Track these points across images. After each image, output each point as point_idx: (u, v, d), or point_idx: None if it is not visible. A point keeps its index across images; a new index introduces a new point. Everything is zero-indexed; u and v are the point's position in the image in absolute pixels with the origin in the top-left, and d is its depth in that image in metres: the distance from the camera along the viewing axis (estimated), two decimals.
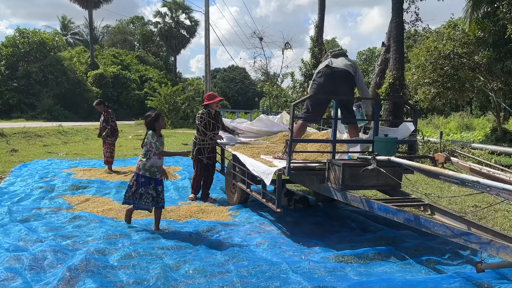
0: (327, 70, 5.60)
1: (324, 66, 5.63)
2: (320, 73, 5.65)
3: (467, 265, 4.18)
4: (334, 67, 5.58)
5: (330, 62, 5.65)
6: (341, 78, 5.58)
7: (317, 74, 5.71)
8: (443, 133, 19.14)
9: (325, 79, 5.58)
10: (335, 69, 5.58)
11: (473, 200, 7.06)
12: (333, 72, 5.57)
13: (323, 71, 5.63)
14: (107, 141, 9.63)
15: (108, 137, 9.61)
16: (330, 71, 5.58)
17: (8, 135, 16.04)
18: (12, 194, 7.19)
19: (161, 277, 3.69)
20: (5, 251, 4.21)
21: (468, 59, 16.72)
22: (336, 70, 5.57)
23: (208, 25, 23.17)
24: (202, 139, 7.10)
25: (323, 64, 5.74)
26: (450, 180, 3.51)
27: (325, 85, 5.57)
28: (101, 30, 63.37)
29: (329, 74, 5.57)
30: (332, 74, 5.56)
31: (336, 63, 5.64)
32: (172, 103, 29.87)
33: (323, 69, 5.63)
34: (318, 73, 5.69)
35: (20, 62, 34.54)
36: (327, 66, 5.60)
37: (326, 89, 5.56)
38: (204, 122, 7.05)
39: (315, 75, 5.74)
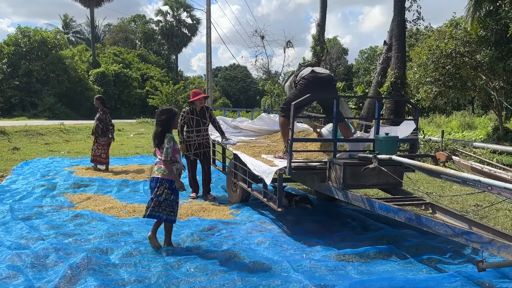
0: (313, 75, 5.86)
1: (309, 73, 5.88)
2: (306, 79, 5.86)
3: (468, 264, 4.18)
4: (319, 73, 5.94)
5: (313, 69, 5.99)
6: (328, 81, 5.94)
7: (302, 79, 5.90)
8: (445, 132, 19.12)
9: (312, 83, 5.80)
10: (321, 74, 5.92)
11: (474, 199, 7.05)
12: (320, 77, 5.88)
13: (308, 77, 5.85)
14: (100, 141, 9.59)
15: (101, 137, 9.57)
16: (316, 76, 5.87)
17: (10, 133, 16.06)
18: (14, 192, 7.21)
19: (162, 275, 3.70)
20: (7, 249, 4.23)
21: (470, 58, 16.68)
22: (322, 75, 5.91)
23: (210, 23, 23.16)
24: (188, 135, 7.11)
25: (304, 72, 5.96)
26: (452, 179, 3.51)
27: (312, 89, 5.69)
28: (102, 29, 63.37)
29: (316, 79, 5.84)
30: (319, 79, 5.85)
31: (319, 70, 6.06)
32: (174, 101, 29.88)
33: (308, 75, 5.86)
34: (303, 79, 5.89)
35: (22, 61, 34.56)
36: (313, 72, 5.89)
37: (313, 92, 5.67)
38: (185, 119, 7.07)
39: (300, 81, 5.93)
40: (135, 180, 8.64)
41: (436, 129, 22.83)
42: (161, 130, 4.40)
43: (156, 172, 4.43)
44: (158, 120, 4.45)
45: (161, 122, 4.43)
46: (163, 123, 4.42)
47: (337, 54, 30.85)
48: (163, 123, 4.42)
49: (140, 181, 8.53)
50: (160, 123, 4.43)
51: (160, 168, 4.40)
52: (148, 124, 29.74)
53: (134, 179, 8.68)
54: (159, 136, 4.41)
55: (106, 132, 9.64)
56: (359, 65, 48.06)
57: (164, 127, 4.42)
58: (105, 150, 9.65)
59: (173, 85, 31.55)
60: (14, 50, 34.40)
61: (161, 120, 4.43)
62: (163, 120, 4.43)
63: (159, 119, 4.44)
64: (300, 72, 6.08)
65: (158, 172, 4.41)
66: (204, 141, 7.22)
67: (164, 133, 4.39)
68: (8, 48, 34.46)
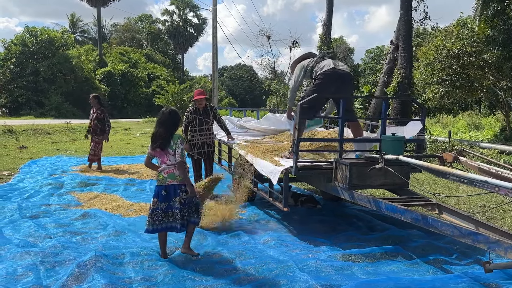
0: (332, 71, 5.69)
1: (330, 68, 5.69)
2: (325, 74, 5.70)
3: (475, 265, 4.17)
4: (339, 69, 5.73)
5: (335, 64, 5.78)
6: (347, 79, 5.79)
7: (321, 74, 5.73)
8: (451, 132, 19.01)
9: (331, 79, 5.66)
10: (341, 71, 5.73)
11: (481, 200, 7.02)
12: (339, 74, 5.70)
13: (330, 72, 5.68)
14: (96, 138, 9.55)
15: (97, 135, 9.55)
16: (336, 72, 5.69)
17: (18, 132, 16.19)
18: (21, 190, 7.27)
19: (169, 273, 3.73)
20: (15, 246, 4.27)
21: (477, 58, 16.57)
22: (342, 72, 5.73)
23: (216, 23, 23.18)
24: (191, 135, 7.13)
25: (325, 65, 5.76)
26: (459, 180, 3.51)
27: (330, 85, 5.62)
28: (109, 28, 63.60)
29: (335, 75, 5.68)
30: (338, 75, 5.69)
31: (340, 66, 5.83)
32: (180, 101, 29.92)
33: (329, 70, 5.69)
34: (323, 74, 5.72)
35: (29, 60, 34.79)
36: (334, 68, 5.70)
37: (331, 89, 5.63)
38: (188, 119, 7.08)
39: (319, 75, 5.75)
40: (142, 179, 8.67)
41: (443, 129, 22.71)
42: (167, 131, 4.07)
43: (168, 179, 4.07)
44: (164, 119, 4.12)
45: (168, 122, 4.10)
46: (171, 123, 4.12)
47: (344, 54, 30.81)
48: (171, 123, 4.12)
49: (146, 180, 8.56)
50: (167, 123, 4.10)
51: (173, 175, 4.07)
52: (154, 123, 29.80)
53: (140, 178, 8.72)
54: (164, 136, 4.06)
55: (103, 131, 9.61)
56: (365, 65, 47.86)
57: (171, 128, 4.11)
58: (100, 149, 9.67)
59: (179, 85, 31.59)
60: (21, 49, 34.62)
61: (167, 120, 4.11)
62: (170, 120, 4.12)
63: (164, 119, 4.12)
64: (321, 63, 5.86)
65: (171, 179, 4.07)
66: (207, 141, 7.23)
67: (171, 134, 4.09)
68: (16, 48, 34.70)
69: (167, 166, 4.08)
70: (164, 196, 4.07)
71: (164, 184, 4.08)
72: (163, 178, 4.09)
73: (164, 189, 4.07)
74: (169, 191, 4.07)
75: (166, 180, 4.08)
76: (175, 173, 4.07)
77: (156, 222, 4.05)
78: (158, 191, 4.10)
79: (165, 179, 4.08)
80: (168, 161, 4.08)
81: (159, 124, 4.14)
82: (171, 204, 4.07)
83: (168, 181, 4.07)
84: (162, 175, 4.10)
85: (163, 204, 4.07)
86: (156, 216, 4.06)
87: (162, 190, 4.08)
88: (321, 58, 6.00)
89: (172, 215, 4.07)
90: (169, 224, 4.07)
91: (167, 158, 4.08)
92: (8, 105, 34.45)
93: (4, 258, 4.02)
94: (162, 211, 4.05)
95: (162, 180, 4.09)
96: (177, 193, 4.07)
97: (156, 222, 4.05)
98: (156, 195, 4.11)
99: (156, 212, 4.06)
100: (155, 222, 4.05)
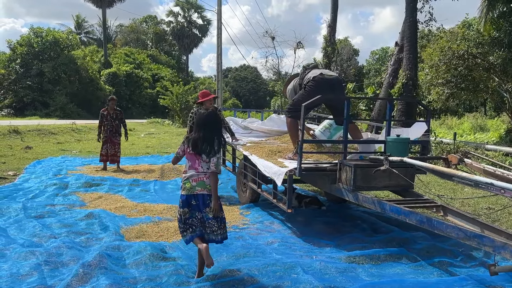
0: (322, 77, 5.87)
1: (318, 75, 5.88)
2: (315, 81, 5.86)
3: (480, 268, 4.14)
4: (328, 75, 5.97)
5: (321, 71, 6.01)
6: (336, 83, 5.99)
7: (311, 81, 5.90)
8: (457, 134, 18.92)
9: (321, 85, 5.81)
10: (329, 76, 5.95)
11: (486, 202, 6.98)
12: (329, 79, 5.90)
13: (318, 79, 5.85)
14: (115, 140, 9.74)
15: (119, 136, 9.78)
16: (325, 78, 5.88)
17: (23, 132, 16.27)
18: (26, 190, 7.30)
19: (173, 274, 3.72)
20: (20, 246, 4.29)
21: (482, 60, 16.50)
22: (331, 78, 5.94)
23: (221, 24, 23.20)
24: None
25: (312, 74, 5.96)
26: (464, 182, 3.49)
27: (321, 91, 5.67)
28: (114, 29, 63.87)
29: (325, 80, 5.85)
30: (328, 80, 5.87)
31: (328, 72, 6.11)
32: (184, 102, 29.99)
33: (317, 77, 5.86)
34: (312, 80, 5.89)
35: (35, 61, 34.97)
36: (321, 75, 5.90)
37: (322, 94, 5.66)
38: (193, 121, 7.07)
39: (309, 82, 5.92)
40: (146, 179, 8.69)
41: (448, 131, 22.62)
42: (213, 135, 3.66)
43: (197, 188, 3.66)
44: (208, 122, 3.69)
45: (214, 125, 3.70)
46: (216, 127, 3.73)
47: (348, 55, 30.76)
48: (216, 126, 3.73)
49: (150, 180, 8.58)
50: (212, 127, 3.69)
51: (203, 183, 3.66)
52: (158, 124, 29.93)
53: (144, 179, 8.74)
54: (209, 141, 3.63)
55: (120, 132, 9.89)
56: (370, 66, 47.79)
57: (217, 132, 3.71)
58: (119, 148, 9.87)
59: (183, 86, 31.67)
60: (27, 50, 34.81)
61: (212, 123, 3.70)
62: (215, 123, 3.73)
63: (209, 121, 3.69)
64: (307, 74, 6.09)
65: (202, 188, 3.66)
66: None
67: (214, 140, 3.68)
68: (21, 48, 34.89)
69: (197, 174, 3.68)
70: (195, 205, 3.67)
71: (192, 194, 3.66)
72: (191, 187, 3.66)
73: (192, 199, 3.67)
74: (199, 201, 3.68)
75: (195, 189, 3.66)
76: (205, 181, 3.66)
77: (191, 229, 3.68)
78: (188, 201, 3.67)
79: (193, 188, 3.66)
80: (200, 168, 3.67)
81: (201, 127, 3.68)
82: (203, 215, 3.69)
83: (197, 190, 3.66)
84: (190, 183, 3.67)
85: (198, 213, 3.68)
86: (192, 225, 3.68)
87: (190, 200, 3.67)
88: (304, 71, 6.25)
89: (209, 226, 3.70)
90: (211, 237, 3.73)
91: (199, 164, 3.67)
92: (14, 106, 34.64)
93: (9, 258, 4.04)
94: (198, 220, 3.69)
95: (191, 189, 3.66)
96: (207, 203, 3.68)
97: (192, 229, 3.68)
98: (187, 205, 3.68)
99: (190, 221, 3.68)
100: (189, 230, 3.68)
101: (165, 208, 6.31)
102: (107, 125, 9.68)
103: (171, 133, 22.21)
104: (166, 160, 11.94)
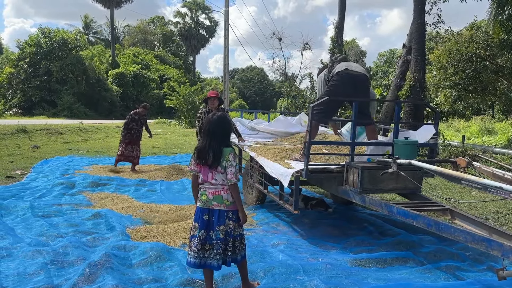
0: (346, 73, 5.63)
1: (343, 69, 5.65)
2: (339, 76, 5.65)
3: (488, 272, 4.10)
4: (353, 71, 5.66)
5: (348, 65, 5.72)
6: (361, 82, 5.69)
7: (335, 76, 5.69)
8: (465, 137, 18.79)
9: (345, 82, 5.61)
10: (355, 73, 5.66)
11: (494, 205, 6.92)
12: (353, 76, 5.63)
13: (342, 74, 5.63)
14: (139, 142, 10.08)
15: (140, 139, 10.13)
16: (350, 74, 5.63)
17: (31, 131, 16.39)
18: (34, 189, 7.34)
19: (179, 275, 3.72)
20: (27, 245, 4.31)
21: (491, 62, 16.40)
22: (356, 74, 5.67)
23: (228, 25, 23.22)
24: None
25: (338, 68, 5.73)
26: (473, 185, 3.46)
27: (344, 88, 5.58)
28: (122, 30, 64.22)
29: (349, 77, 5.62)
30: (352, 77, 5.62)
31: (354, 68, 5.74)
32: (191, 102, 30.08)
33: (342, 72, 5.64)
34: (337, 75, 5.67)
35: (43, 61, 35.24)
36: (346, 70, 5.64)
37: (345, 92, 5.58)
38: (202, 120, 7.11)
39: (333, 77, 5.73)
40: (152, 180, 8.71)
41: (456, 133, 22.48)
42: (219, 143, 3.28)
43: (214, 202, 3.30)
44: (213, 128, 3.31)
45: (219, 131, 3.31)
46: (222, 133, 3.34)
47: (356, 57, 30.68)
48: (222, 133, 3.34)
49: (157, 180, 8.60)
50: (217, 134, 3.30)
51: (219, 197, 3.30)
52: (165, 124, 30.04)
53: (151, 179, 8.76)
54: (216, 150, 3.25)
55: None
56: (377, 68, 47.66)
57: (224, 139, 3.34)
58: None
59: (190, 87, 31.76)
60: (35, 50, 35.08)
61: (217, 129, 3.31)
62: (221, 129, 3.34)
63: (213, 127, 3.31)
64: (334, 67, 5.83)
65: (217, 203, 3.30)
66: None
67: (222, 147, 3.29)
68: (30, 48, 35.18)
69: (213, 187, 3.32)
70: (206, 222, 3.29)
71: (207, 207, 3.31)
72: (207, 200, 3.32)
73: (206, 213, 3.30)
74: (213, 217, 3.30)
75: (211, 202, 3.30)
76: (222, 195, 3.30)
77: (193, 253, 3.28)
78: (200, 215, 3.32)
79: (209, 201, 3.31)
80: (214, 180, 3.30)
81: (206, 134, 3.32)
82: (211, 235, 3.27)
83: (213, 205, 3.30)
84: (207, 195, 3.33)
85: (202, 232, 3.27)
86: (193, 245, 3.29)
87: (204, 214, 3.30)
88: (332, 64, 5.98)
89: (210, 249, 3.27)
90: (204, 260, 3.27)
91: (213, 177, 3.30)
92: (22, 105, 34.93)
93: (16, 257, 4.06)
94: (199, 241, 3.26)
95: (206, 202, 3.32)
96: (222, 220, 3.29)
97: (192, 252, 3.29)
98: (197, 218, 3.34)
99: (193, 241, 3.30)
100: (191, 253, 3.30)
101: (171, 208, 6.31)
102: (135, 129, 9.90)
103: (178, 134, 22.27)
104: (172, 161, 11.98)
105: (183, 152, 14.49)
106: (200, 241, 3.26)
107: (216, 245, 3.25)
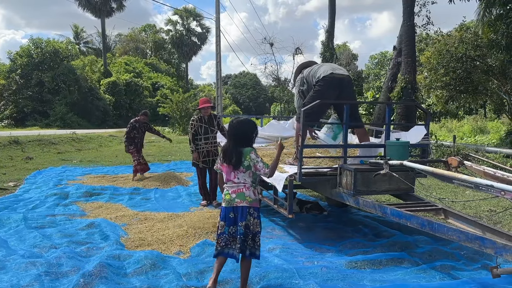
0: (331, 77, 5.67)
1: (328, 73, 5.68)
2: (325, 80, 5.68)
3: (483, 271, 4.12)
4: (338, 74, 5.72)
5: (333, 68, 5.78)
6: (346, 84, 5.76)
7: (321, 80, 5.71)
8: (457, 137, 18.92)
9: (331, 85, 5.66)
10: (340, 76, 5.72)
11: (488, 204, 6.96)
12: (338, 79, 5.68)
13: (329, 78, 5.67)
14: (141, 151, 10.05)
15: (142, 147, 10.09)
16: (335, 78, 5.68)
17: (23, 142, 16.27)
18: (27, 201, 7.29)
19: (174, 283, 3.70)
20: (20, 257, 4.27)
21: (481, 62, 16.54)
22: (341, 77, 5.72)
23: (219, 32, 23.30)
24: (196, 143, 7.18)
25: (322, 72, 5.75)
26: (464, 184, 3.48)
27: (331, 91, 5.61)
28: (113, 39, 64.13)
29: (334, 80, 5.66)
30: (338, 81, 5.67)
31: (338, 71, 5.79)
32: (184, 109, 30.08)
33: (328, 76, 5.67)
34: (322, 80, 5.70)
35: (34, 71, 35.10)
36: (332, 74, 5.69)
37: (331, 95, 5.61)
38: (194, 128, 7.14)
39: (319, 81, 5.74)
40: (147, 188, 8.68)
41: (448, 133, 22.62)
42: (236, 145, 3.59)
43: (237, 200, 3.54)
44: (232, 132, 3.66)
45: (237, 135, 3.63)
46: (241, 136, 3.63)
47: (347, 60, 30.83)
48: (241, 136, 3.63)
49: (151, 189, 8.57)
50: (236, 137, 3.63)
51: (242, 194, 3.55)
52: None
53: (145, 187, 8.73)
54: (236, 153, 3.55)
55: None
56: (369, 71, 47.87)
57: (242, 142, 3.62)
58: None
59: (183, 94, 31.78)
60: (26, 61, 34.95)
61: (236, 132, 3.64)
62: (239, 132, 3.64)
63: (233, 131, 3.66)
64: (317, 72, 5.82)
65: (240, 200, 3.54)
66: (212, 149, 7.28)
67: (241, 149, 3.57)
68: (21, 59, 35.04)
69: (236, 185, 3.58)
70: (232, 219, 3.55)
71: (232, 206, 3.56)
72: (231, 199, 3.56)
73: (232, 211, 3.55)
74: (237, 214, 3.55)
75: (234, 200, 3.55)
76: (244, 192, 3.55)
77: (222, 245, 3.55)
78: (226, 213, 3.57)
79: (233, 200, 3.55)
80: (236, 179, 3.58)
81: (228, 137, 3.69)
82: (238, 230, 3.53)
83: (237, 202, 3.54)
84: (230, 194, 3.57)
85: (231, 227, 3.55)
86: (222, 240, 3.56)
87: (229, 212, 3.56)
88: (317, 65, 6.02)
89: (235, 242, 3.55)
90: (231, 252, 3.56)
91: (235, 176, 3.58)
92: (14, 116, 34.74)
93: (9, 269, 4.02)
94: (230, 235, 3.55)
95: (230, 201, 3.56)
96: (244, 216, 3.52)
97: (221, 245, 3.56)
98: (224, 217, 3.58)
99: (223, 237, 3.56)
100: (220, 245, 3.57)
101: (165, 216, 6.29)
102: (138, 137, 9.87)
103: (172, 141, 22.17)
104: (167, 168, 11.95)
105: (177, 159, 14.46)
106: (231, 235, 3.55)
107: (239, 239, 3.50)
